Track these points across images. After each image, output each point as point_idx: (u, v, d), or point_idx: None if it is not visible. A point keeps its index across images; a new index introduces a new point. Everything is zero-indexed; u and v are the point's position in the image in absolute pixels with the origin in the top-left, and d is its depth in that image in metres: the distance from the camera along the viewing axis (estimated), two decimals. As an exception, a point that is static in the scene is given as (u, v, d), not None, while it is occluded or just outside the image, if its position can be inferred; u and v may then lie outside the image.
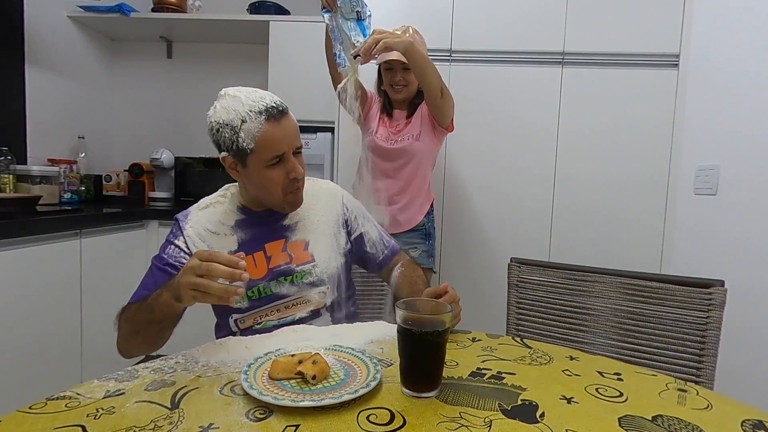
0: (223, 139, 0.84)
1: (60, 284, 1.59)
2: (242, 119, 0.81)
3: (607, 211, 1.85)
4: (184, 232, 0.91)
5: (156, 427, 0.49)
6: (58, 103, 2.21)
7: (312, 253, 0.94)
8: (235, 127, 0.82)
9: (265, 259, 0.91)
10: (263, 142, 0.83)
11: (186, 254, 0.89)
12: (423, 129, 1.56)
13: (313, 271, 0.93)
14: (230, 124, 0.82)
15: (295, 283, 0.91)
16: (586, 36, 1.82)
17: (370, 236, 1.05)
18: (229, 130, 0.82)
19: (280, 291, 0.91)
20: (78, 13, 2.23)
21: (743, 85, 1.50)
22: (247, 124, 0.81)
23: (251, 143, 0.82)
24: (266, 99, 0.85)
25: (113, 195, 2.41)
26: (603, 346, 1.02)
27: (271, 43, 2.14)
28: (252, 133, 0.82)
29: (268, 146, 0.83)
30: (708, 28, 1.70)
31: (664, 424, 0.52)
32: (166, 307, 0.73)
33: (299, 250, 0.94)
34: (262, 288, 0.90)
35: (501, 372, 0.66)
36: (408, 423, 0.51)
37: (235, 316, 0.90)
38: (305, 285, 0.92)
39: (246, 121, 0.81)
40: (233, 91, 0.85)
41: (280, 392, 0.56)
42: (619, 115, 1.83)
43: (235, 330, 0.91)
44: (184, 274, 0.68)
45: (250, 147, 0.83)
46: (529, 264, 1.12)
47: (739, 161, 1.50)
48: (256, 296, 0.90)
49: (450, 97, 1.52)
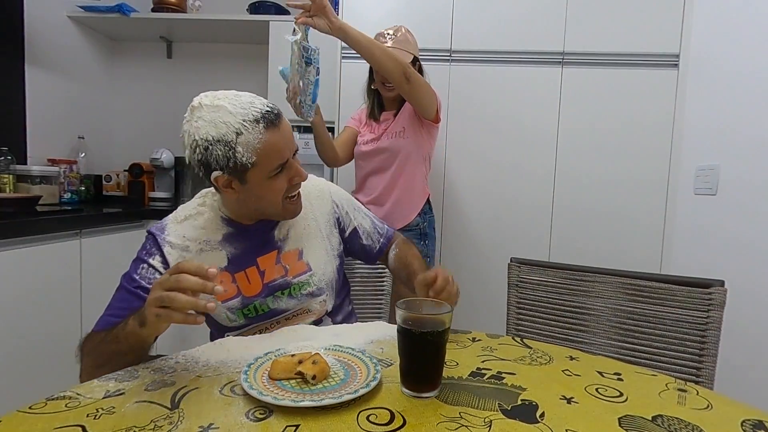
0: (215, 157, 0.73)
1: (60, 284, 1.59)
2: (237, 132, 0.71)
3: (607, 211, 1.85)
4: (163, 249, 0.81)
5: (156, 427, 0.49)
6: (58, 103, 2.20)
7: (307, 261, 0.89)
8: (230, 142, 0.71)
9: (259, 275, 0.85)
10: (265, 153, 0.74)
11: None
12: (408, 125, 1.53)
13: (311, 280, 0.88)
14: (223, 139, 0.71)
15: (294, 295, 0.86)
16: (586, 36, 1.82)
17: (364, 228, 1.00)
18: (222, 147, 0.72)
19: (278, 306, 0.86)
20: (78, 13, 2.23)
21: (743, 85, 1.50)
22: (244, 137, 0.72)
23: (252, 157, 0.73)
24: (257, 104, 0.75)
25: (113, 195, 2.41)
26: (603, 346, 1.02)
27: (271, 43, 2.14)
28: (252, 146, 0.73)
29: (271, 157, 0.75)
30: (708, 28, 1.70)
31: (664, 424, 0.52)
32: (132, 337, 0.64)
33: (294, 261, 0.87)
34: (259, 305, 0.85)
35: (501, 372, 0.66)
36: (408, 423, 0.51)
37: (232, 334, 0.84)
38: (304, 296, 0.87)
39: (242, 133, 0.72)
40: (211, 100, 0.73)
41: (280, 392, 0.56)
42: (619, 115, 1.83)
43: None
44: (152, 291, 0.60)
45: (251, 161, 0.73)
46: (529, 264, 1.12)
47: (739, 161, 1.50)
48: (252, 314, 0.85)
49: (422, 83, 1.41)
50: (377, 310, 1.25)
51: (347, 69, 1.89)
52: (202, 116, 0.72)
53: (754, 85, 1.45)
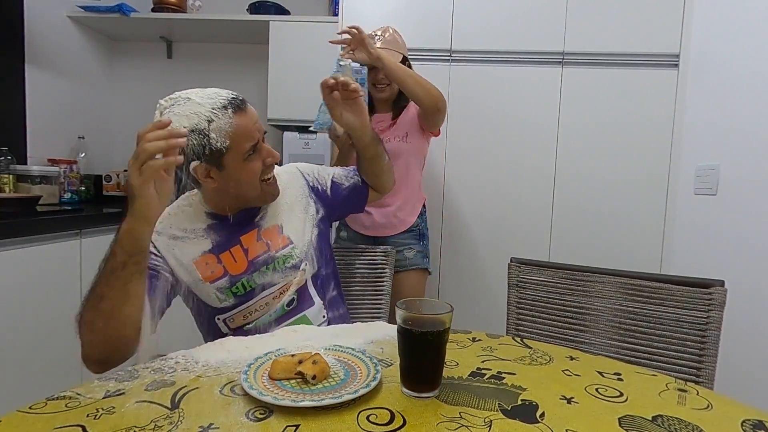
0: (191, 147, 0.77)
1: (60, 284, 1.59)
2: (208, 119, 0.77)
3: (607, 211, 1.85)
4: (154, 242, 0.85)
5: (156, 427, 0.49)
6: (58, 103, 2.20)
7: (288, 235, 0.93)
8: (203, 130, 0.77)
9: (243, 252, 0.90)
10: (237, 135, 0.79)
11: (158, 257, 0.84)
12: (410, 130, 1.54)
13: (293, 253, 0.92)
14: (196, 128, 0.76)
15: (278, 269, 0.90)
16: (586, 36, 1.82)
17: (337, 174, 1.06)
18: (197, 136, 0.76)
19: (264, 281, 0.89)
20: (78, 13, 2.23)
21: (743, 85, 1.50)
22: (215, 123, 0.77)
23: (225, 141, 0.78)
24: (222, 93, 0.80)
25: (113, 195, 2.40)
26: (603, 346, 1.02)
27: (271, 43, 2.14)
28: (224, 130, 0.78)
29: (243, 138, 0.80)
30: (708, 28, 1.70)
31: (664, 424, 0.52)
32: (126, 238, 0.68)
33: (274, 236, 0.92)
34: (246, 281, 0.88)
35: (501, 372, 0.66)
36: (408, 423, 0.51)
37: (222, 317, 0.89)
38: (288, 269, 0.91)
39: (213, 120, 0.77)
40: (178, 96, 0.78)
41: (280, 392, 0.56)
42: (619, 115, 1.83)
43: (226, 331, 0.89)
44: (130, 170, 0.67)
45: (225, 145, 0.79)
46: (529, 264, 1.12)
47: (739, 161, 1.50)
48: (241, 291, 0.88)
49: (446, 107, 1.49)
50: (377, 310, 1.25)
51: (347, 69, 1.89)
52: (173, 111, 0.76)
53: (754, 85, 1.45)
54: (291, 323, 0.90)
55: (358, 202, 1.10)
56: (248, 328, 0.89)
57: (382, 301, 1.26)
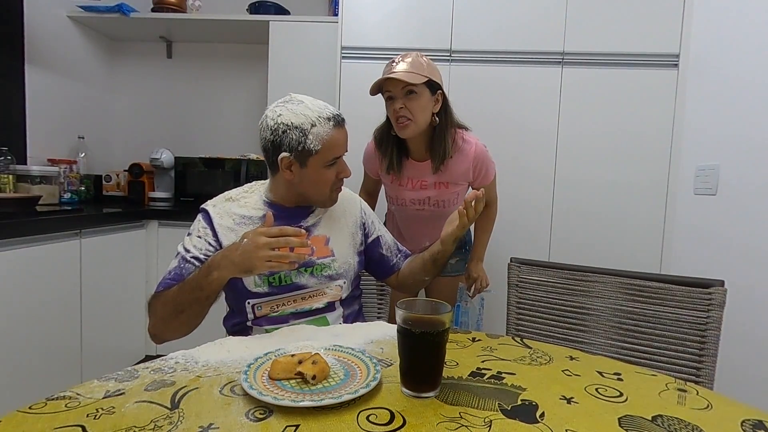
0: (288, 139, 0.88)
1: (60, 284, 1.59)
2: (312, 123, 0.88)
3: (607, 211, 1.85)
4: (213, 222, 0.94)
5: (156, 427, 0.49)
6: (58, 103, 2.20)
7: (332, 248, 0.99)
8: (305, 130, 0.88)
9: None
10: (329, 145, 0.90)
11: (213, 247, 0.92)
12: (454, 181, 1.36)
13: (332, 265, 0.97)
14: (300, 126, 0.88)
15: (315, 275, 0.95)
16: (586, 36, 1.82)
17: (385, 240, 1.09)
18: (297, 132, 0.88)
19: (299, 281, 0.94)
20: (78, 13, 2.23)
21: (743, 85, 1.50)
22: (317, 128, 0.88)
23: (318, 145, 0.89)
24: (330, 108, 0.93)
25: (113, 195, 2.40)
26: (603, 346, 1.02)
27: (271, 43, 2.14)
28: (321, 137, 0.89)
29: (332, 149, 0.91)
30: (708, 28, 1.70)
31: (664, 424, 0.52)
32: (216, 284, 0.81)
33: (320, 245, 0.98)
34: (284, 276, 0.93)
35: (501, 372, 0.66)
36: (408, 423, 0.51)
37: (253, 301, 0.92)
38: (324, 278, 0.96)
39: (316, 125, 0.88)
40: (299, 97, 0.92)
41: (280, 392, 0.56)
42: (619, 116, 1.83)
43: (251, 316, 0.93)
44: (258, 250, 0.77)
45: (316, 149, 0.89)
46: (529, 264, 1.12)
47: (739, 161, 1.50)
48: (276, 283, 0.93)
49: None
50: (377, 310, 1.25)
51: (347, 68, 1.89)
52: (288, 107, 0.90)
53: (753, 85, 1.45)
54: (310, 321, 0.93)
55: (377, 272, 1.11)
56: (272, 317, 0.93)
57: (383, 301, 1.26)
